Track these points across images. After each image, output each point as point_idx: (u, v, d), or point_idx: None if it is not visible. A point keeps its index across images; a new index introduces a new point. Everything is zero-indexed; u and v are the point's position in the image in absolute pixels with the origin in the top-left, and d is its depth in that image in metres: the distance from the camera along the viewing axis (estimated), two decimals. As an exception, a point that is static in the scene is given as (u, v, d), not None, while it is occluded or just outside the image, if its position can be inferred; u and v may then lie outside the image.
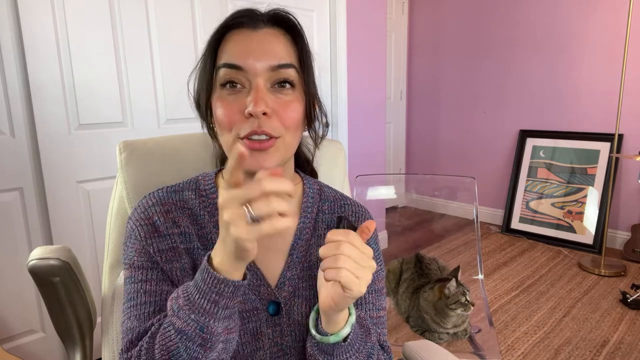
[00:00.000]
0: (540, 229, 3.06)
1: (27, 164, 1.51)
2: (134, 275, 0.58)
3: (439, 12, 3.59)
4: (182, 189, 0.64)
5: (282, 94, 0.57)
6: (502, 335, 1.91)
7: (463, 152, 3.63)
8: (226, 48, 0.57)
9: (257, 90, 0.54)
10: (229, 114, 0.55)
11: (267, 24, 0.58)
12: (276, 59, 0.56)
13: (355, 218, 0.69)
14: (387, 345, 0.67)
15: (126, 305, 0.58)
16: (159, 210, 0.61)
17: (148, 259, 0.58)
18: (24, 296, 1.56)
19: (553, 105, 3.09)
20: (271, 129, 0.54)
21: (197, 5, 1.83)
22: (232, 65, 0.55)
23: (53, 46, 1.49)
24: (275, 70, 0.56)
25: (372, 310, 0.67)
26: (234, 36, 0.57)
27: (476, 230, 1.89)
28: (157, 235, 0.59)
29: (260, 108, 0.53)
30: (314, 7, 2.31)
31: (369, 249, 0.49)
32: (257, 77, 0.55)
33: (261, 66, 0.55)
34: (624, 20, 2.63)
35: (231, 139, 0.56)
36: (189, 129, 1.86)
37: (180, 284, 0.58)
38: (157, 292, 0.57)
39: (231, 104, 0.55)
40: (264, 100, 0.54)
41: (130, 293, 0.58)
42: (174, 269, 0.58)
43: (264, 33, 0.57)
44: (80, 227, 1.63)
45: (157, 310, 0.56)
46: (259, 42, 0.56)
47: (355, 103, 2.57)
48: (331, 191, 0.72)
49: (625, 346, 1.81)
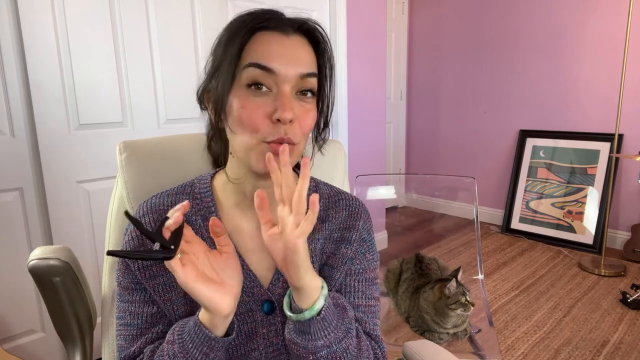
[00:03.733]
0: (540, 229, 3.06)
1: (27, 164, 1.51)
2: (122, 294, 0.62)
3: (438, 12, 3.59)
4: (176, 193, 0.65)
5: (304, 102, 0.57)
6: (502, 335, 1.91)
7: (463, 152, 3.63)
8: (255, 48, 0.56)
9: (286, 96, 0.55)
10: (254, 117, 0.55)
11: (296, 31, 0.58)
12: (305, 67, 0.56)
13: (349, 212, 0.69)
14: (375, 334, 0.67)
15: (117, 322, 0.63)
16: (149, 220, 0.62)
17: (131, 280, 0.61)
18: (24, 296, 1.56)
19: (553, 105, 3.09)
20: (293, 135, 0.56)
21: (197, 5, 1.83)
22: (263, 67, 0.54)
23: (53, 46, 1.49)
24: (303, 79, 0.56)
25: (362, 299, 0.67)
26: (264, 37, 0.56)
27: (476, 230, 1.89)
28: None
29: (289, 115, 0.54)
30: (314, 7, 2.31)
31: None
32: (286, 83, 0.55)
33: (291, 72, 0.55)
34: (624, 20, 2.63)
35: (254, 142, 0.55)
36: (189, 129, 1.86)
37: (162, 300, 0.60)
38: (139, 314, 0.60)
39: (257, 107, 0.55)
40: (292, 107, 0.55)
41: (120, 310, 0.62)
42: (157, 285, 0.60)
43: (295, 40, 0.57)
44: (80, 227, 1.63)
45: (140, 334, 0.60)
46: (290, 47, 0.56)
47: (355, 103, 2.57)
48: (327, 188, 0.72)
49: (625, 346, 1.81)
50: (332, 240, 0.67)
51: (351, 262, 0.67)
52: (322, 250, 0.66)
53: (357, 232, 0.68)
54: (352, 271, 0.67)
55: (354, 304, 0.66)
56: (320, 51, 0.60)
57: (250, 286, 0.62)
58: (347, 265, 0.66)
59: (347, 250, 0.66)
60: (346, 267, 0.66)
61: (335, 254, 0.66)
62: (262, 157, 0.55)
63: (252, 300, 0.62)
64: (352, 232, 0.67)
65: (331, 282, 0.65)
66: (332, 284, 0.65)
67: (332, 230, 0.67)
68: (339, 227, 0.67)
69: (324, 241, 0.66)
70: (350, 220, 0.68)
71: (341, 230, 0.67)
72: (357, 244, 0.67)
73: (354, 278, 0.67)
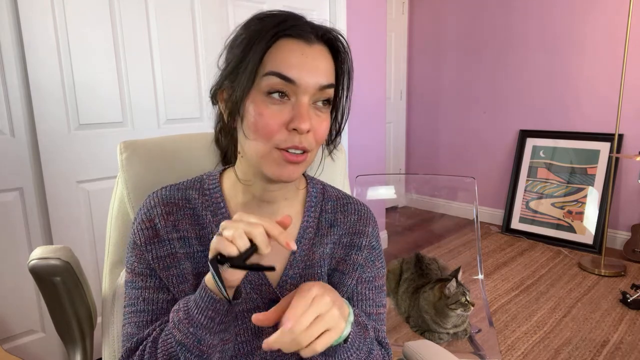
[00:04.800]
0: (540, 229, 3.06)
1: (27, 164, 1.51)
2: (134, 280, 0.61)
3: (438, 12, 3.59)
4: (185, 188, 0.65)
5: (320, 112, 0.57)
6: (502, 335, 1.91)
7: (463, 152, 3.63)
8: (277, 56, 0.55)
9: (304, 107, 0.55)
10: (271, 124, 0.54)
11: (319, 40, 0.57)
12: (324, 79, 0.56)
13: (358, 217, 0.69)
14: (385, 342, 0.68)
15: (127, 310, 0.61)
16: (161, 212, 0.62)
17: (147, 266, 0.61)
18: (24, 296, 1.56)
19: (553, 105, 3.09)
20: (308, 144, 0.56)
21: (197, 5, 1.83)
22: (286, 78, 0.54)
23: (53, 46, 1.49)
24: (322, 90, 0.56)
25: (372, 307, 0.67)
26: (287, 45, 0.55)
27: (476, 230, 1.89)
28: (157, 241, 0.61)
29: (307, 126, 0.54)
30: (314, 7, 2.31)
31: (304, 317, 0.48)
32: (305, 94, 0.55)
33: (311, 83, 0.55)
34: (624, 20, 2.63)
35: (268, 149, 0.55)
36: (189, 129, 1.86)
37: (176, 291, 0.60)
38: (154, 300, 0.60)
39: (276, 115, 0.54)
40: (310, 118, 0.55)
41: (130, 298, 0.61)
42: (171, 276, 0.60)
43: (316, 49, 0.56)
44: (80, 227, 1.63)
45: (153, 319, 0.60)
46: (311, 58, 0.55)
47: (355, 103, 2.57)
48: (334, 191, 0.72)
49: (625, 346, 1.81)
50: (342, 245, 0.67)
51: (362, 269, 0.67)
52: (332, 255, 0.67)
53: (366, 238, 0.68)
54: (363, 279, 0.68)
55: (365, 312, 0.67)
56: (340, 61, 0.60)
57: (258, 284, 0.62)
58: (357, 272, 0.67)
59: (357, 256, 0.67)
60: (357, 275, 0.67)
61: (346, 260, 0.67)
62: (274, 164, 0.56)
63: (259, 298, 0.62)
64: (362, 238, 0.68)
65: (342, 288, 0.66)
66: (343, 290, 0.66)
67: (341, 235, 0.68)
68: (348, 232, 0.68)
69: (333, 246, 0.67)
70: (359, 225, 0.69)
71: (350, 235, 0.68)
72: (367, 250, 0.68)
73: (364, 286, 0.67)
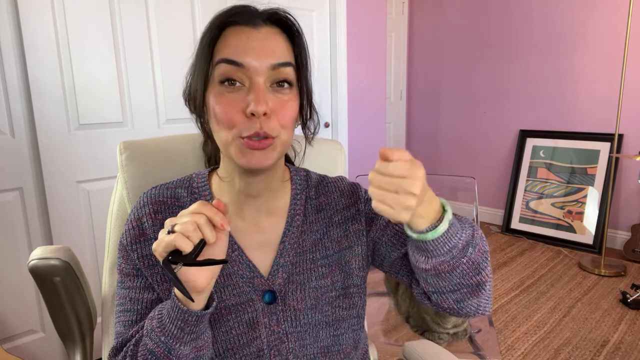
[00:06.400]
0: (540, 229, 3.06)
1: (27, 164, 1.51)
2: (123, 280, 0.62)
3: (439, 12, 3.59)
4: (175, 186, 0.66)
5: (280, 94, 0.57)
6: (502, 335, 1.91)
7: (463, 152, 3.62)
8: (225, 44, 0.56)
9: (258, 89, 0.54)
10: (229, 112, 0.55)
11: (266, 23, 0.58)
12: (276, 58, 0.56)
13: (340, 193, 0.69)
14: None
15: (117, 309, 0.63)
16: (149, 211, 0.63)
17: (133, 266, 0.62)
18: (24, 296, 1.56)
19: (553, 105, 3.09)
20: (269, 129, 0.55)
21: (197, 5, 1.83)
22: (232, 62, 0.54)
23: (53, 46, 1.49)
24: (276, 69, 0.56)
25: None
26: (233, 32, 0.56)
27: (476, 230, 1.89)
28: (143, 239, 0.61)
29: (262, 108, 0.53)
30: (314, 7, 2.31)
31: (395, 167, 0.46)
32: (258, 76, 0.55)
33: (262, 65, 0.55)
34: (624, 20, 2.63)
35: (230, 137, 0.55)
36: (189, 129, 1.86)
37: (161, 289, 0.61)
38: (140, 300, 0.61)
39: (231, 102, 0.55)
40: (265, 100, 0.54)
41: (120, 297, 0.63)
42: (155, 274, 0.61)
43: (264, 32, 0.57)
44: (80, 227, 1.63)
45: (139, 319, 0.61)
46: (259, 40, 0.56)
47: (355, 103, 2.57)
48: (316, 176, 0.72)
49: (625, 346, 1.81)
50: (336, 225, 0.67)
51: (372, 221, 0.67)
52: (330, 239, 0.66)
53: (355, 205, 0.68)
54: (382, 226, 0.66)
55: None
56: (296, 41, 0.60)
57: (250, 276, 0.62)
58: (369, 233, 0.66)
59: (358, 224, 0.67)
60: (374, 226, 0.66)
61: (347, 235, 0.67)
62: (240, 153, 0.55)
63: (252, 291, 0.62)
64: (351, 208, 0.68)
65: (357, 258, 0.66)
66: (357, 260, 0.66)
67: (331, 215, 0.68)
68: (336, 211, 0.68)
69: (325, 230, 0.67)
70: (343, 199, 0.69)
71: (340, 212, 0.68)
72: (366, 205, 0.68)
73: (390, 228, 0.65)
